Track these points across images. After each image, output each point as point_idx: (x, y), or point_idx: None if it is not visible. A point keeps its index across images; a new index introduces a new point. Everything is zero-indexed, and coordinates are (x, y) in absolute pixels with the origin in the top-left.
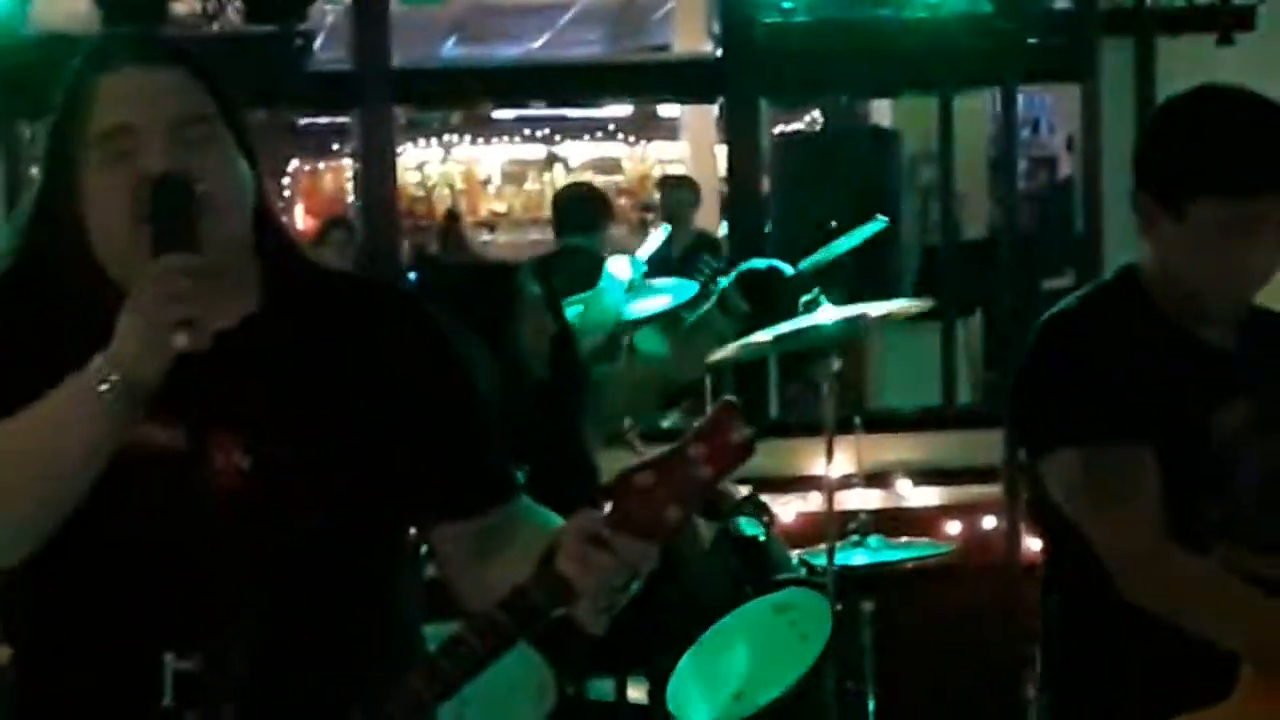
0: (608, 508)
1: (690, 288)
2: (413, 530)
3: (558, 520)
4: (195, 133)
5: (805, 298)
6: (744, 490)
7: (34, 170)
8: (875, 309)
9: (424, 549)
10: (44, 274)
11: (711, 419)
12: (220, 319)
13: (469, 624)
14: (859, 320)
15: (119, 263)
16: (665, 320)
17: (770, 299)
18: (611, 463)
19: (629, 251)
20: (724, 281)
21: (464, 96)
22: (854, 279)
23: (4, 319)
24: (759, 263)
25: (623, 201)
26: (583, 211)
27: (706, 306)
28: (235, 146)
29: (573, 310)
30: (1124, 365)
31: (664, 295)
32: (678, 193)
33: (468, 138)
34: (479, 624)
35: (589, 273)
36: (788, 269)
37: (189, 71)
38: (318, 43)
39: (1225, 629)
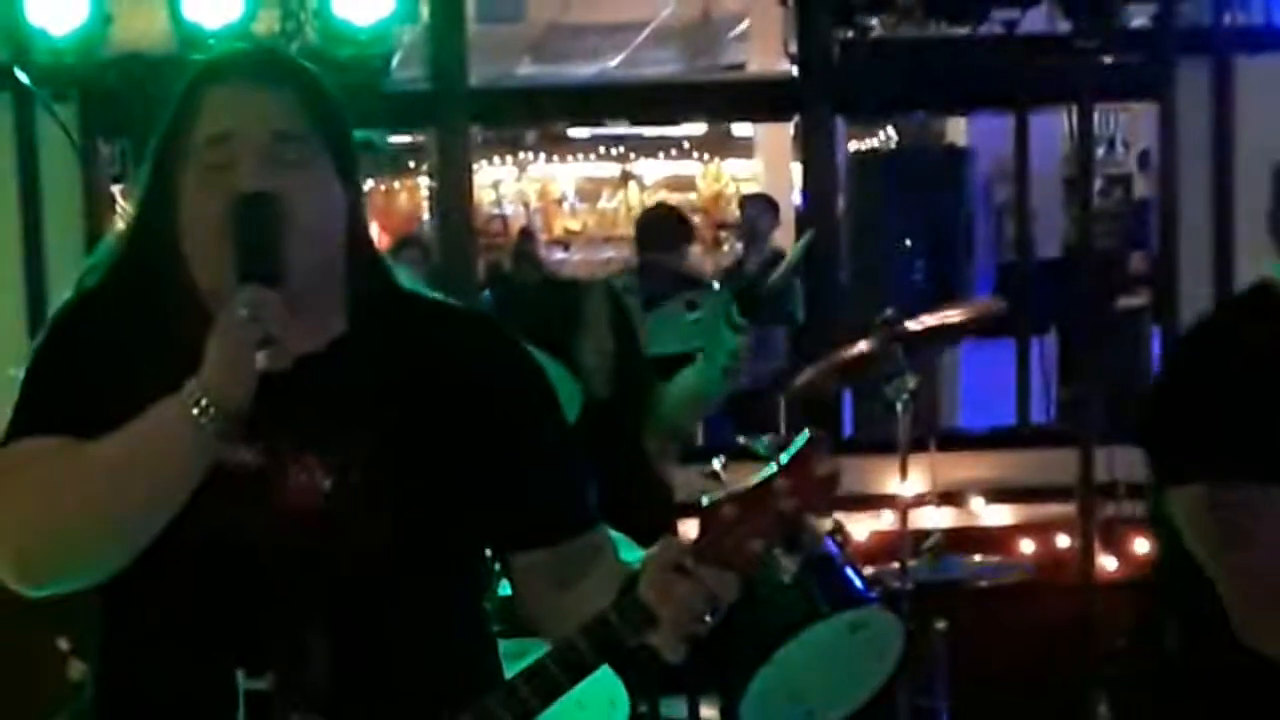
0: (692, 538)
1: None
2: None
3: (632, 547)
4: (292, 152)
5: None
6: (827, 524)
7: (113, 187)
8: (951, 313)
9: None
10: (139, 284)
11: (799, 453)
12: (307, 342)
13: (550, 652)
14: None
15: (209, 276)
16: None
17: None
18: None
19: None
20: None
21: (539, 116)
22: (930, 297)
23: (98, 326)
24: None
25: (696, 219)
26: (666, 231)
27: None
28: (333, 170)
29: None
30: (1257, 393)
31: None
32: (756, 210)
33: (543, 156)
34: (559, 651)
35: (670, 290)
36: None
37: (295, 91)
38: (394, 61)
39: None
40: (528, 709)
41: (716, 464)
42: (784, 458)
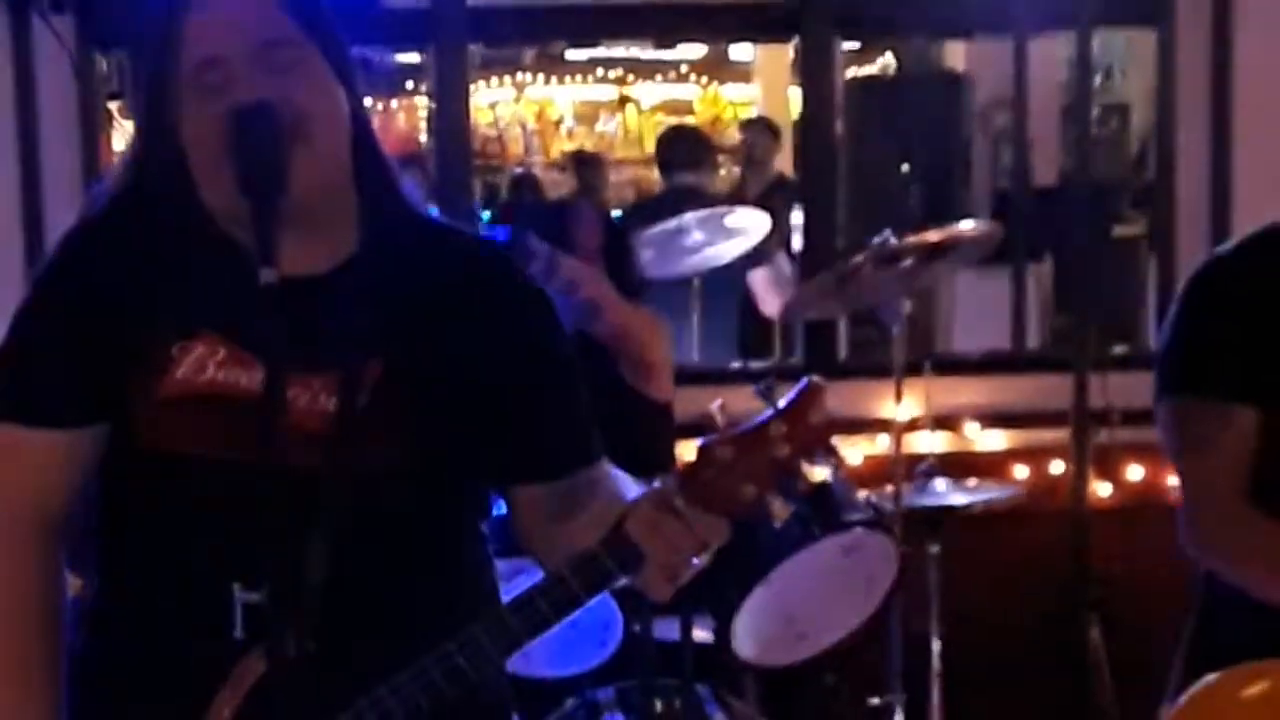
0: (684, 479)
1: None
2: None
3: (633, 484)
4: (284, 57)
5: None
6: (821, 474)
7: (109, 104)
8: (944, 232)
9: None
10: (148, 209)
11: (795, 398)
12: (316, 261)
13: (539, 585)
14: None
15: (218, 196)
16: None
17: None
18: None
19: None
20: None
21: (538, 34)
22: (925, 222)
23: (106, 252)
24: None
25: None
26: (692, 150)
27: None
28: (330, 72)
29: None
30: (1250, 317)
31: None
32: (758, 135)
33: (540, 78)
34: (549, 585)
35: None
36: None
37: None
38: None
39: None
40: (515, 638)
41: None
42: (781, 403)
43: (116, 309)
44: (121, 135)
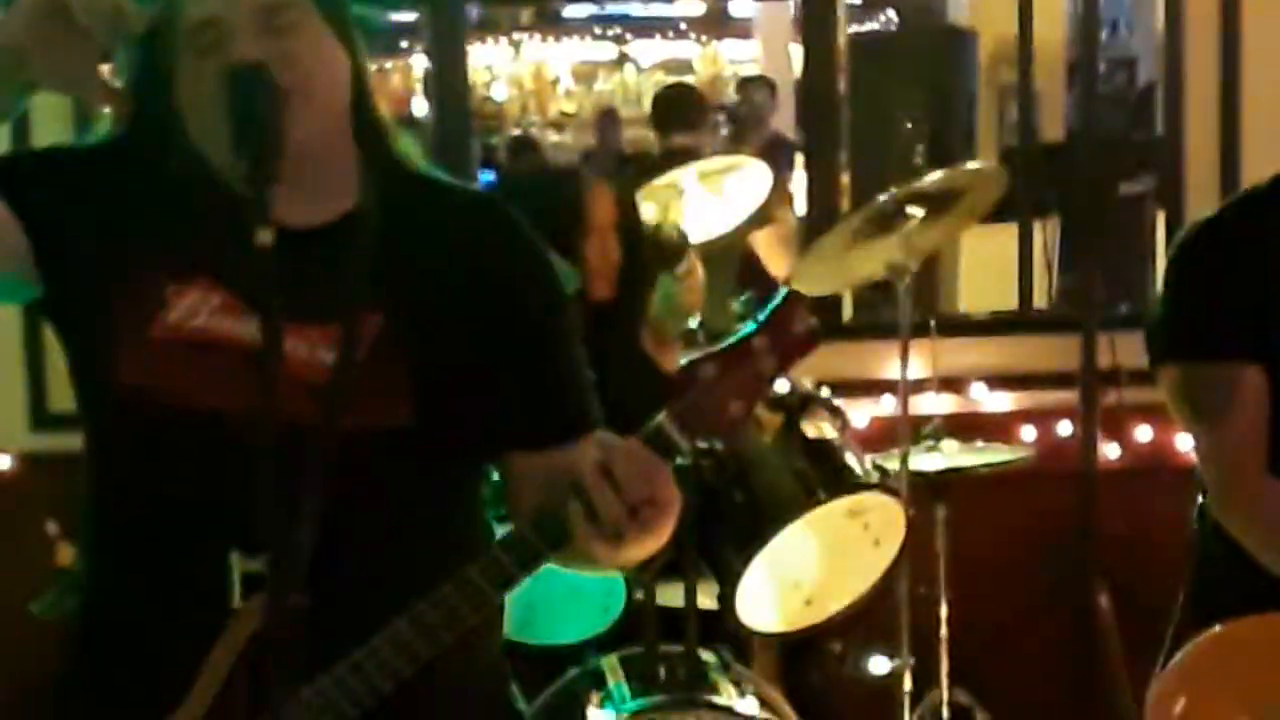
0: (671, 400)
1: None
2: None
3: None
4: (284, 19)
5: None
6: (809, 385)
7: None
8: (949, 173)
9: None
10: (143, 149)
11: (776, 310)
12: (315, 214)
13: (498, 549)
14: None
15: (215, 153)
16: None
17: None
18: None
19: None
20: None
21: None
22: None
23: (125, 176)
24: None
25: None
26: (689, 109)
27: None
28: (330, 32)
29: None
30: (1247, 278)
31: None
32: (755, 93)
33: (537, 37)
34: (494, 559)
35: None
36: None
37: None
38: None
39: None
40: (483, 599)
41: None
42: (760, 316)
43: (122, 234)
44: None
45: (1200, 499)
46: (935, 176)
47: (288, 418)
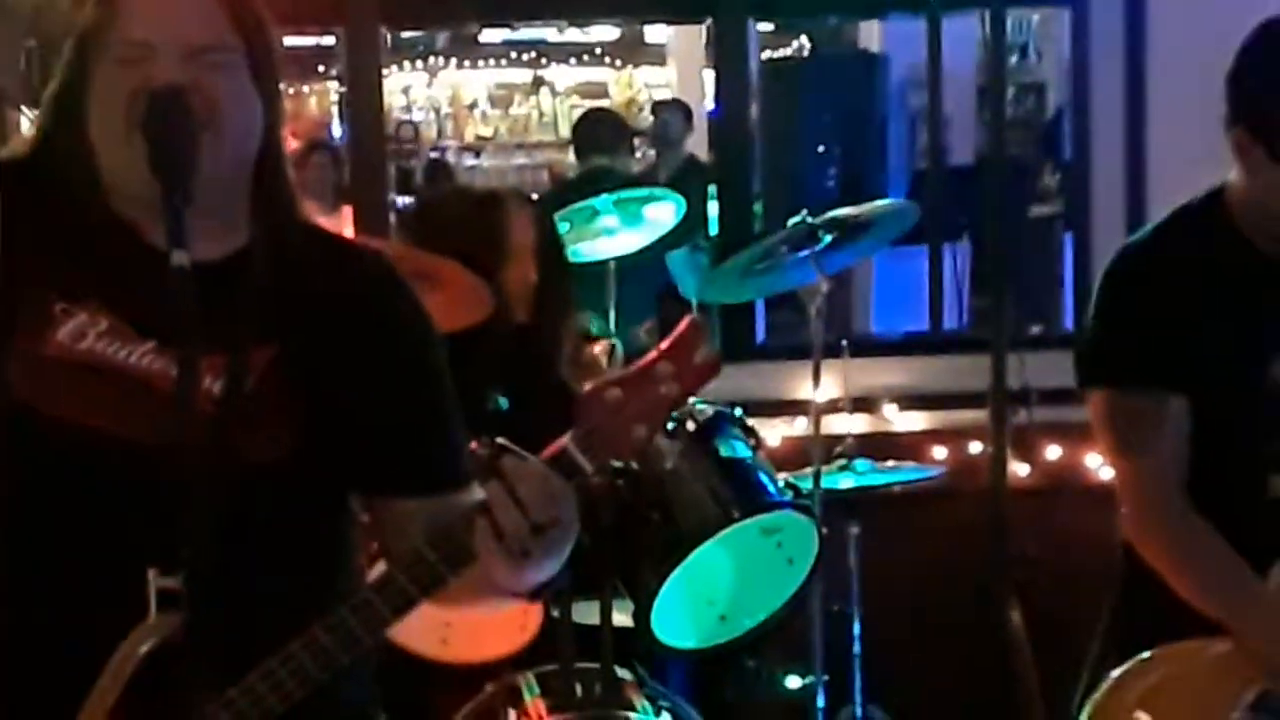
0: (575, 425)
1: None
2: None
3: None
4: (212, 58)
5: None
6: (713, 409)
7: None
8: (860, 209)
9: None
10: (47, 169)
11: (677, 336)
12: (210, 247)
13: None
14: None
15: (115, 165)
16: None
17: None
18: None
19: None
20: None
21: (451, 16)
22: (841, 203)
23: (11, 198)
24: None
25: None
26: (609, 133)
27: None
28: (250, 81)
29: None
30: (1175, 303)
31: None
32: (670, 117)
33: (454, 62)
34: (385, 584)
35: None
36: None
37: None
38: None
39: (1206, 602)
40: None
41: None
42: (664, 343)
43: (7, 253)
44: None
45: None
46: (848, 211)
47: (187, 446)
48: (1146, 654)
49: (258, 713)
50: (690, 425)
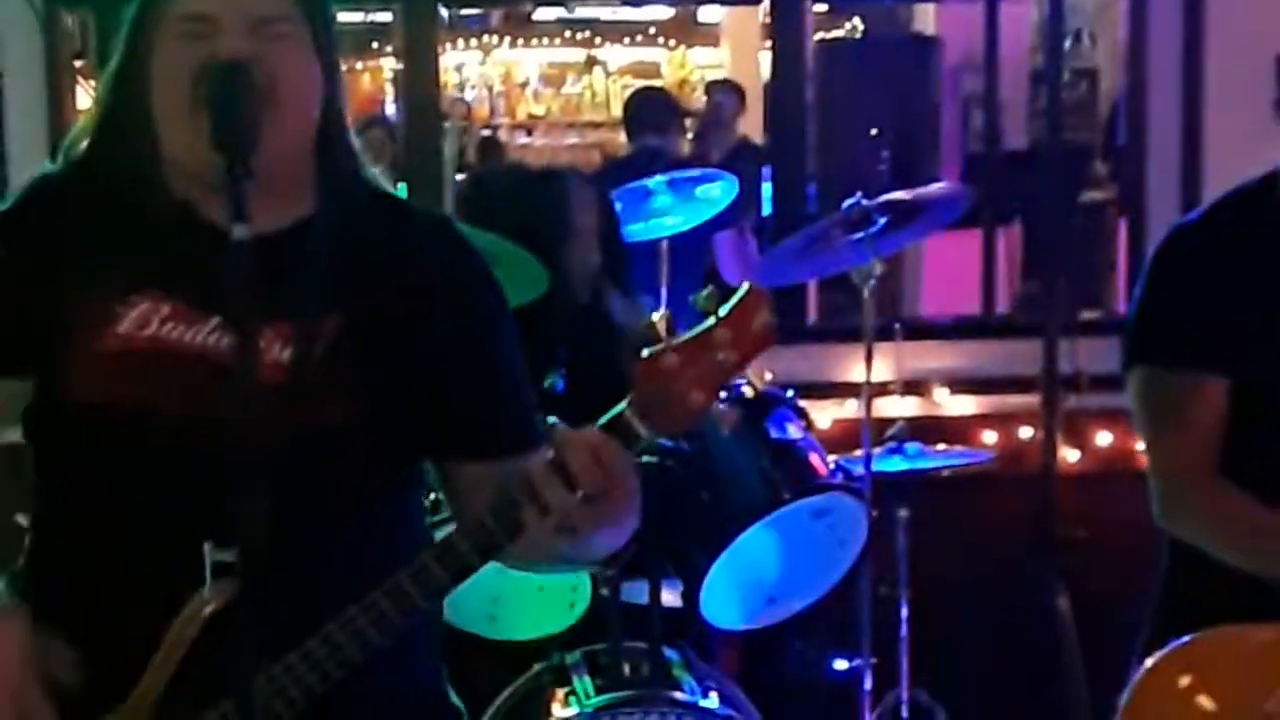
0: (633, 391)
1: None
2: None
3: None
4: (275, 29)
5: None
6: (775, 387)
7: (75, 62)
8: (915, 192)
9: None
10: (106, 163)
11: (737, 304)
12: (273, 219)
13: (438, 549)
14: None
15: (180, 144)
16: None
17: None
18: None
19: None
20: None
21: None
22: (894, 186)
23: (55, 209)
24: None
25: None
26: (661, 112)
27: None
28: (312, 49)
29: None
30: (1221, 285)
31: None
32: (723, 98)
33: (507, 40)
34: (444, 549)
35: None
36: None
37: None
38: None
39: (1253, 560)
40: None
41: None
42: (723, 310)
43: (57, 266)
44: (87, 93)
45: None
46: (902, 194)
47: (251, 417)
48: (1186, 638)
49: (315, 678)
50: (743, 404)
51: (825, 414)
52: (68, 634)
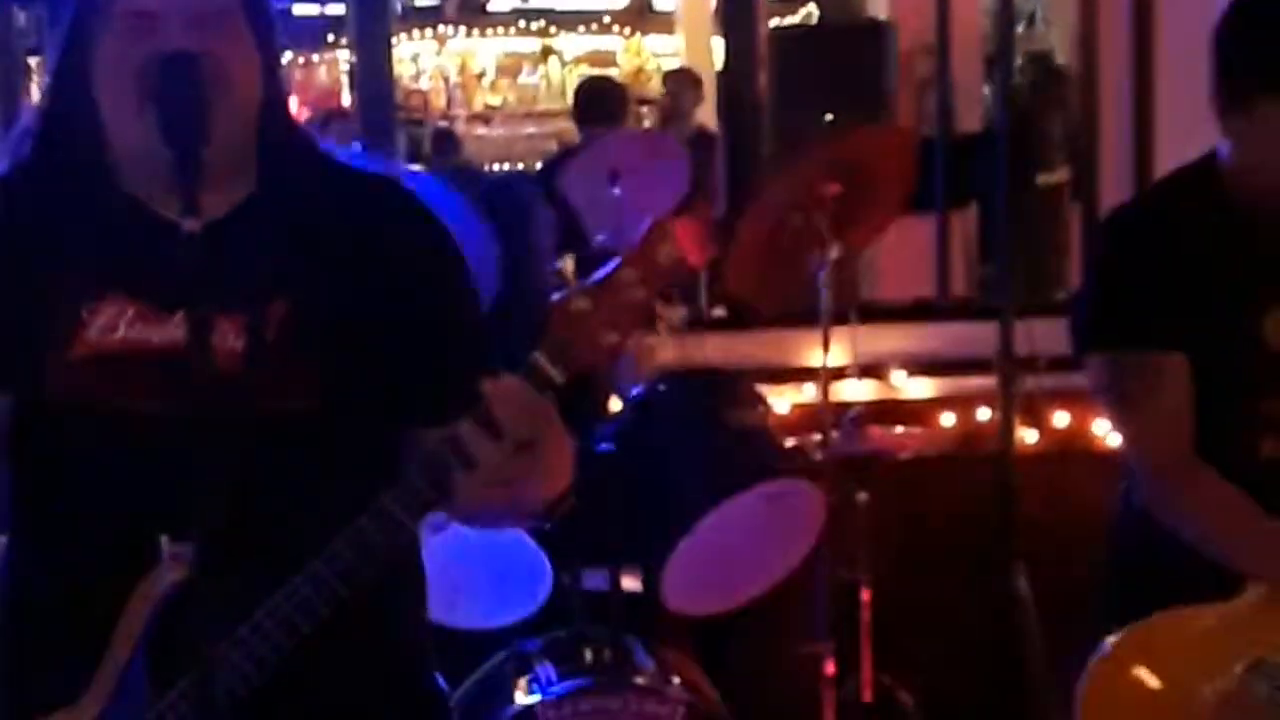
0: (545, 338)
1: None
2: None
3: None
4: (213, 22)
5: None
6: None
7: (29, 59)
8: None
9: None
10: (54, 165)
11: (642, 241)
12: (217, 205)
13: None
14: None
15: (127, 136)
16: None
17: None
18: None
19: None
20: None
21: None
22: None
23: (14, 213)
24: None
25: None
26: (610, 102)
27: None
28: (251, 36)
29: None
30: (1168, 264)
31: None
32: (680, 86)
33: (462, 30)
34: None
35: None
36: None
37: None
38: None
39: (1233, 557)
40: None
41: None
42: (626, 250)
43: (22, 276)
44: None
45: (1124, 485)
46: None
47: (208, 407)
48: (1141, 621)
49: (283, 634)
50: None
51: (783, 398)
52: (44, 629)
